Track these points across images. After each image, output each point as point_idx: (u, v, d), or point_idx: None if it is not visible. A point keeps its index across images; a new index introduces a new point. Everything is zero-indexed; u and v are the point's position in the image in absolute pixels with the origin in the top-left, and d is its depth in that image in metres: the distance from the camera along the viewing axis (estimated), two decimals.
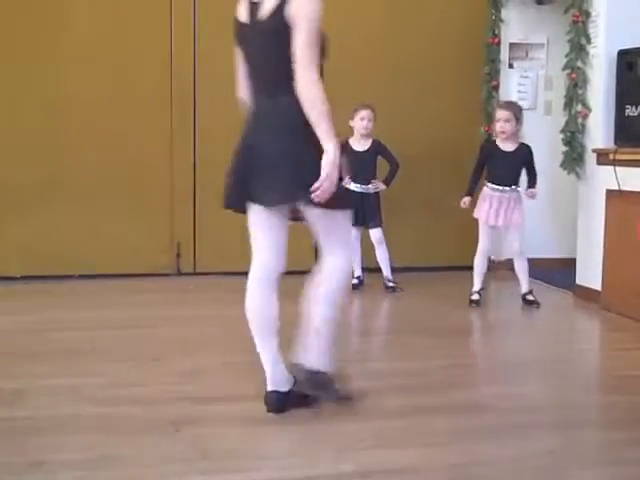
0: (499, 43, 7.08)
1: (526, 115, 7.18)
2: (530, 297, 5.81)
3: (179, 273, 6.84)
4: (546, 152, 6.99)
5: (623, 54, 5.55)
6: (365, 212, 6.13)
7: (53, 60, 6.51)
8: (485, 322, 5.63)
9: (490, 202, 5.76)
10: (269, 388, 3.46)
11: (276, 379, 3.46)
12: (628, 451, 3.18)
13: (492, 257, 6.25)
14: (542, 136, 7.09)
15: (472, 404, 3.70)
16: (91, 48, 6.54)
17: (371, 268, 6.55)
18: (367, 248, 6.34)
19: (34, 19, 6.47)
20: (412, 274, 6.53)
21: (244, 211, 3.55)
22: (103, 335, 4.86)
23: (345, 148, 6.00)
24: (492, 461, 3.07)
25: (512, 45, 7.17)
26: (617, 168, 5.47)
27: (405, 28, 6.84)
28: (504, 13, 7.10)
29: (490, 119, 7.16)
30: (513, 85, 7.23)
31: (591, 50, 5.83)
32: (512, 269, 7.03)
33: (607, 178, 5.59)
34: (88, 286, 6.36)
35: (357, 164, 5.97)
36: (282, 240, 3.53)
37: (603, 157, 5.70)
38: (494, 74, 7.14)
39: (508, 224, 5.78)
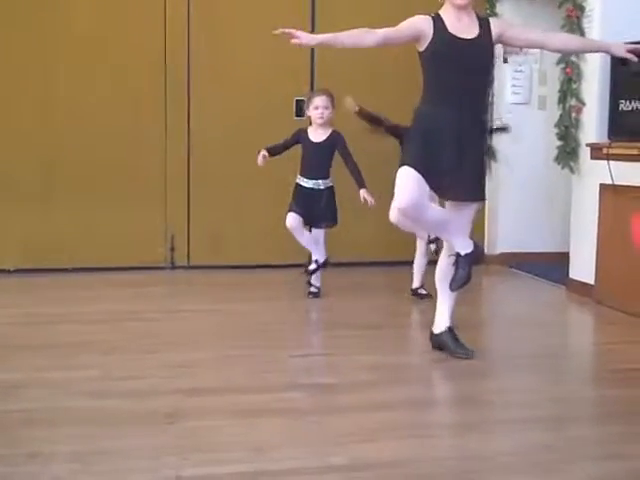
0: None
1: (520, 109, 7.24)
2: (423, 291, 5.75)
3: (173, 266, 6.84)
4: (540, 146, 7.02)
5: None
6: (314, 210, 5.69)
7: (48, 57, 6.51)
8: (478, 317, 5.63)
9: None
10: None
11: None
12: (624, 445, 3.18)
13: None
14: (536, 130, 7.12)
15: (466, 398, 3.71)
16: (85, 44, 6.55)
17: (367, 262, 6.55)
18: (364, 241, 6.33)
19: (29, 18, 6.47)
20: (402, 268, 6.51)
21: None
22: (97, 328, 4.86)
23: (301, 137, 5.74)
24: (486, 455, 3.07)
25: None
26: (611, 162, 5.47)
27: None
28: (498, 8, 7.10)
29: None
30: (507, 80, 7.23)
31: None
32: (504, 263, 7.08)
33: (601, 172, 5.59)
34: (82, 279, 6.35)
35: (311, 156, 5.70)
36: None
37: (597, 151, 5.71)
38: None
39: None
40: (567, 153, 6.00)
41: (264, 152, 5.63)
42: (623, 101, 5.50)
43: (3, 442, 3.10)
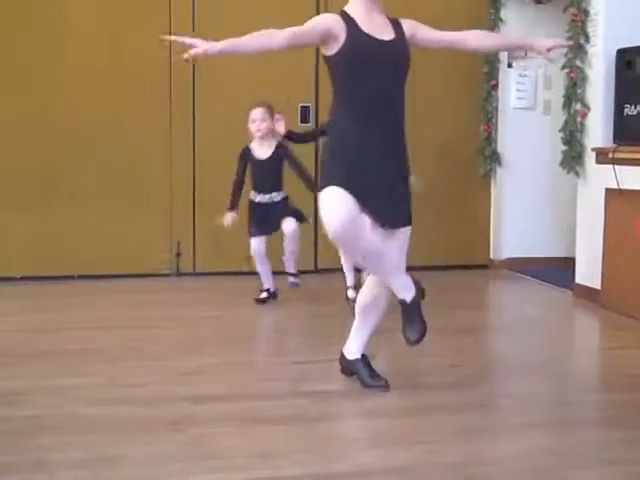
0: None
1: (525, 114, 7.24)
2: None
3: (179, 273, 6.85)
4: (545, 151, 7.02)
5: (622, 53, 5.55)
6: (271, 219, 5.61)
7: (52, 59, 6.53)
8: (484, 322, 5.63)
9: None
10: None
11: None
12: (628, 450, 3.18)
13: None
14: (541, 135, 7.12)
15: (472, 403, 3.70)
16: (89, 47, 6.56)
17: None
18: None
19: (32, 17, 6.49)
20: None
21: None
22: (103, 335, 4.86)
23: (247, 156, 5.66)
24: (491, 460, 3.07)
25: None
26: (616, 167, 5.47)
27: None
28: (503, 12, 7.11)
29: (490, 118, 7.18)
30: (512, 84, 7.23)
31: (590, 49, 5.82)
32: (510, 268, 7.08)
33: (606, 177, 5.59)
34: (87, 286, 6.36)
35: (260, 173, 5.63)
36: None
37: (602, 156, 5.71)
38: (493, 73, 7.16)
39: None
40: (572, 158, 5.99)
41: (232, 214, 5.59)
42: (628, 105, 5.49)
43: (9, 449, 3.11)
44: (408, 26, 3.76)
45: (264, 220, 5.64)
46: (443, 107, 7.04)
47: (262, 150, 5.65)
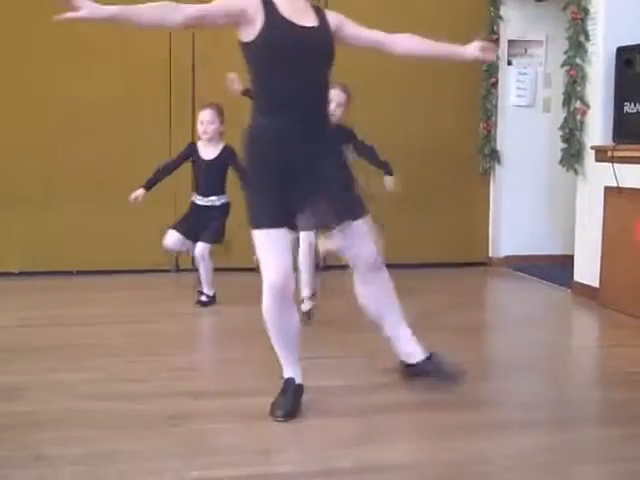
0: (498, 40, 7.09)
1: (525, 112, 7.24)
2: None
3: (178, 269, 6.84)
4: (545, 149, 7.03)
5: (622, 51, 5.56)
6: (204, 225, 5.51)
7: (51, 59, 6.53)
8: (483, 320, 5.63)
9: None
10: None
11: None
12: (627, 448, 3.18)
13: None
14: (541, 133, 7.12)
15: (470, 401, 3.70)
16: (88, 47, 6.55)
17: None
18: None
19: (32, 17, 6.48)
20: (405, 271, 6.49)
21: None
22: (101, 331, 4.86)
23: (192, 153, 5.56)
24: (490, 458, 3.08)
25: (511, 42, 7.18)
26: (615, 165, 5.48)
27: (404, 26, 6.78)
28: (503, 10, 7.11)
29: (489, 116, 7.19)
30: (512, 82, 7.23)
31: (590, 47, 5.82)
32: (509, 266, 7.07)
33: (605, 175, 5.59)
34: (86, 282, 6.37)
35: (203, 174, 5.55)
36: None
37: (602, 154, 5.71)
38: (493, 71, 7.15)
39: None
40: (572, 156, 5.99)
41: (139, 191, 5.44)
42: (628, 103, 5.49)
43: (9, 444, 3.11)
44: (334, 19, 3.54)
45: (196, 219, 5.53)
46: (442, 105, 7.03)
47: (207, 151, 5.55)
